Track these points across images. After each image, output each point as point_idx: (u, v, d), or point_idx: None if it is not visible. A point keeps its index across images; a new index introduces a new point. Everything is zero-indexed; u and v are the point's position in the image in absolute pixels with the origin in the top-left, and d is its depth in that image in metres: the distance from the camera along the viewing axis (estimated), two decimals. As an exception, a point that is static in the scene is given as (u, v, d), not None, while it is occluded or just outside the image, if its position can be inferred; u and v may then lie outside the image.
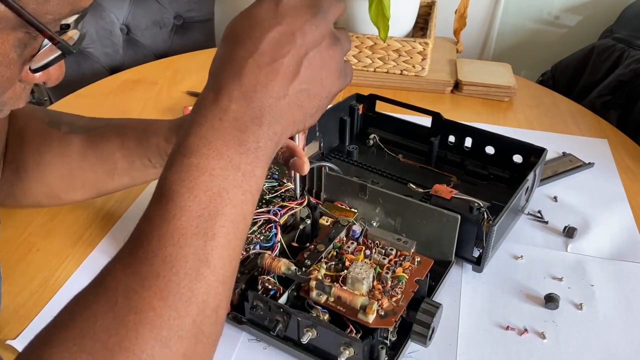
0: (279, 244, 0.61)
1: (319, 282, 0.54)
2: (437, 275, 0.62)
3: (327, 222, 0.66)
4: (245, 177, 0.39)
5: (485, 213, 0.63)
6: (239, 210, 0.38)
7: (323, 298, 0.54)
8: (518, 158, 0.78)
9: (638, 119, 1.11)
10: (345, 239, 0.63)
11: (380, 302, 0.53)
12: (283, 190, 0.68)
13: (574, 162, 0.89)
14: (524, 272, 0.68)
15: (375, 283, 0.56)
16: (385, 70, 1.15)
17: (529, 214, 0.78)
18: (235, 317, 0.57)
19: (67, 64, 0.43)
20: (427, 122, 0.83)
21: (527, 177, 0.69)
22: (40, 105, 1.59)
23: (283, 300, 0.56)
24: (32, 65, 0.40)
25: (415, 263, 0.59)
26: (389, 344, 0.54)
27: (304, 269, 0.57)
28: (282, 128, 0.41)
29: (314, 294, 0.54)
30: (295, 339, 0.55)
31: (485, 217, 0.63)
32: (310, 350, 0.54)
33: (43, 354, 0.33)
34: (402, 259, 0.59)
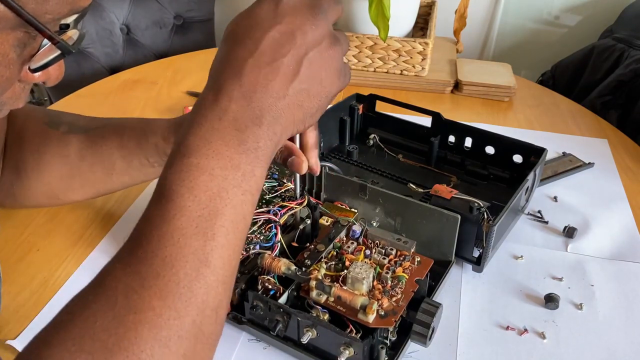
0: (279, 244, 0.61)
1: (319, 282, 0.54)
2: (437, 275, 0.62)
3: (327, 222, 0.66)
4: (245, 177, 0.39)
5: (485, 213, 0.63)
6: (239, 210, 0.38)
7: (323, 298, 0.54)
8: (518, 158, 0.78)
9: (638, 119, 1.11)
10: (345, 239, 0.63)
11: (380, 302, 0.53)
12: (283, 190, 0.68)
13: (574, 162, 0.89)
14: (524, 272, 0.68)
15: (375, 283, 0.56)
16: (385, 70, 1.14)
17: (529, 214, 0.78)
18: (235, 317, 0.57)
19: (66, 64, 0.43)
20: (427, 122, 0.83)
21: (527, 177, 0.69)
22: (40, 105, 1.60)
23: (283, 300, 0.56)
24: (31, 65, 0.40)
25: (415, 263, 0.59)
26: (389, 344, 0.54)
27: (304, 269, 0.57)
28: (282, 128, 0.41)
29: (314, 294, 0.54)
30: (295, 339, 0.55)
31: (485, 217, 0.63)
32: (310, 350, 0.54)
33: (43, 354, 0.33)
34: (402, 259, 0.59)
